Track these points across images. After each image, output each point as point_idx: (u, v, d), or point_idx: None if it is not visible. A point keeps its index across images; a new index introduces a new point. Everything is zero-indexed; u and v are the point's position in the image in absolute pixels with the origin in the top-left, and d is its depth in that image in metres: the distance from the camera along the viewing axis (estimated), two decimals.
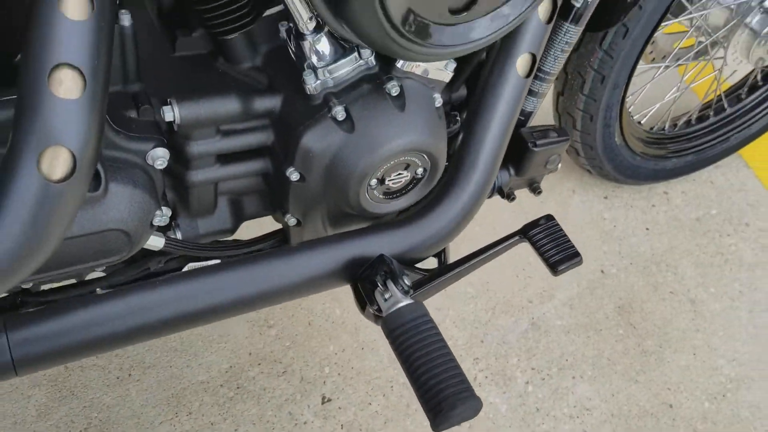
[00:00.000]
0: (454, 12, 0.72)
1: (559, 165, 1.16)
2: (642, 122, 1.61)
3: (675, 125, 1.67)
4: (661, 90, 1.59)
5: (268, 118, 0.91)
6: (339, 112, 0.86)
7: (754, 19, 1.41)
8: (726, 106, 1.68)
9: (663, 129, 1.65)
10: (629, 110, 1.53)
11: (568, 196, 1.69)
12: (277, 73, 0.91)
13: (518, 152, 1.11)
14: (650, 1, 1.21)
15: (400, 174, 0.93)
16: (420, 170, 0.95)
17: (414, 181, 0.96)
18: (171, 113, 0.84)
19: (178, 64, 0.92)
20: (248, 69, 0.92)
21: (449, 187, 0.98)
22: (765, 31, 1.40)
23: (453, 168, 0.98)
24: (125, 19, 0.81)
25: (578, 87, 1.35)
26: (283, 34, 0.89)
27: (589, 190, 1.70)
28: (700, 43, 1.49)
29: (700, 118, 1.69)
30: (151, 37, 0.92)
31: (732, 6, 1.40)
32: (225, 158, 0.93)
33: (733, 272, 1.64)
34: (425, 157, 0.93)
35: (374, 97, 0.87)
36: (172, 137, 0.88)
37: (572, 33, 1.05)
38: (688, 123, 1.68)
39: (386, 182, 0.93)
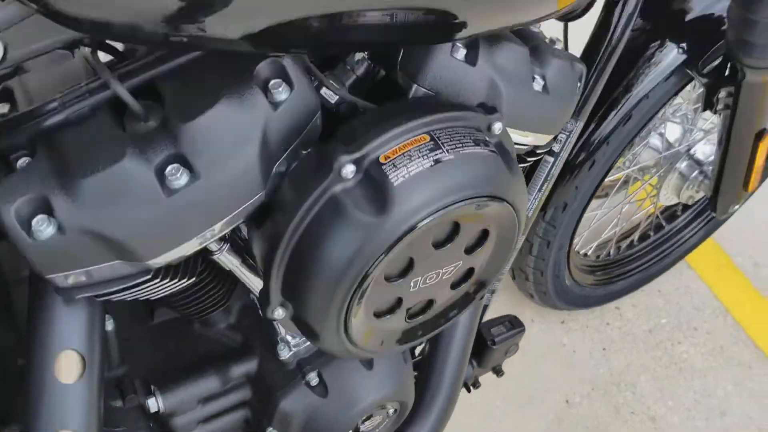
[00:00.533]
0: (412, 316, 0.80)
1: (518, 349, 1.24)
2: (588, 253, 1.71)
3: (619, 248, 1.78)
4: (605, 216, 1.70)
5: (246, 377, 0.97)
6: (312, 378, 0.93)
7: (683, 165, 1.52)
8: (664, 224, 1.79)
9: (608, 254, 1.75)
10: (575, 249, 1.63)
11: (527, 325, 1.77)
12: (251, 330, 0.97)
13: (478, 348, 1.19)
14: (585, 181, 1.31)
15: (372, 418, 1.00)
16: (391, 411, 1.02)
17: (386, 419, 1.03)
18: (155, 404, 0.89)
19: (157, 333, 0.97)
20: (224, 329, 0.98)
21: (417, 412, 1.05)
22: (693, 175, 1.51)
23: (420, 392, 1.06)
24: (109, 324, 0.86)
25: (527, 250, 1.44)
26: (256, 300, 0.96)
27: (546, 316, 1.79)
28: (635, 179, 1.61)
29: (642, 237, 1.80)
30: (130, 306, 0.98)
31: (662, 155, 1.51)
32: (207, 417, 0.98)
33: (687, 381, 1.75)
34: (396, 401, 1.00)
35: (343, 360, 0.94)
36: (157, 415, 0.93)
37: (519, 240, 1.13)
38: (630, 244, 1.79)
39: (360, 429, 1.00)
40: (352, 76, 0.79)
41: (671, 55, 1.21)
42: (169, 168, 0.64)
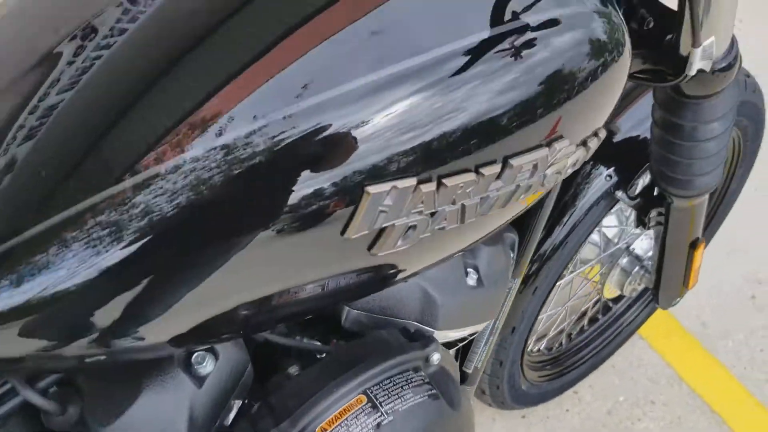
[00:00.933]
0: None
1: None
2: (541, 348, 1.70)
3: (570, 335, 1.78)
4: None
5: None
6: None
7: (624, 261, 1.53)
8: (611, 305, 1.81)
9: (560, 344, 1.75)
10: (528, 350, 1.62)
11: (489, 425, 1.76)
12: None
13: None
14: (530, 305, 1.30)
15: None
16: None
17: None
18: None
19: None
20: None
21: None
22: (635, 270, 1.52)
23: None
24: None
25: None
26: None
27: (507, 413, 1.78)
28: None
29: (591, 321, 1.81)
30: None
31: (602, 255, 1.52)
32: None
33: None
34: None
35: None
36: None
37: None
38: (581, 330, 1.79)
39: None
40: None
41: (600, 180, 1.21)
42: None
